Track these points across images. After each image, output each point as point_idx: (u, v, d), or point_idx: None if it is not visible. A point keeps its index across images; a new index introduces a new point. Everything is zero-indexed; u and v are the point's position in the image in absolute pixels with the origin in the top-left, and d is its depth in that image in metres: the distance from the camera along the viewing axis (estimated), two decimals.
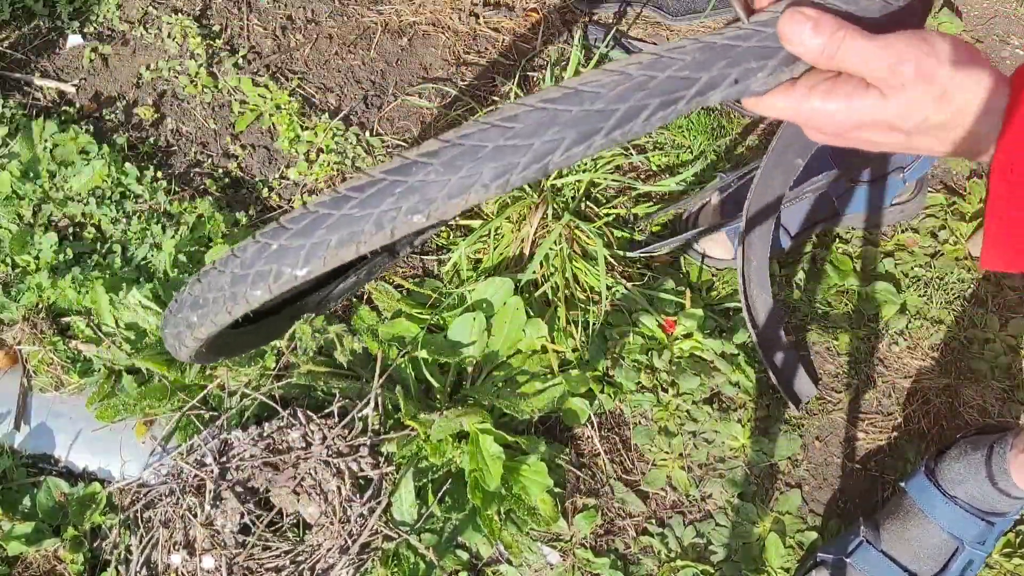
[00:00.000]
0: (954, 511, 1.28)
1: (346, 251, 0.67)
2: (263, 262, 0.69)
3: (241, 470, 1.30)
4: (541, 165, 0.64)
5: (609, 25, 1.84)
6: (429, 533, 1.33)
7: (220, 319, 0.74)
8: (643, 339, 1.50)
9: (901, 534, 1.31)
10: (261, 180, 1.66)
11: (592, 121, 0.64)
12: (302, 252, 0.67)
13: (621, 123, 0.64)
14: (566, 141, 0.64)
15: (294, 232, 0.68)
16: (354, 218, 0.66)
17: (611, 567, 1.35)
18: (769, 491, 1.44)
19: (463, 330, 1.43)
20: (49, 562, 1.32)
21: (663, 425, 1.46)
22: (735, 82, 0.64)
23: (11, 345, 1.44)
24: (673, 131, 1.72)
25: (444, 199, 0.64)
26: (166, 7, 1.83)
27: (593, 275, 1.49)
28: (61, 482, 1.34)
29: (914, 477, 1.33)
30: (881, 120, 0.63)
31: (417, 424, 1.33)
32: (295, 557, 1.27)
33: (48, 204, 1.57)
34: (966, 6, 1.91)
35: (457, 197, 0.64)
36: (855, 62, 0.62)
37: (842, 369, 1.54)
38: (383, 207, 0.65)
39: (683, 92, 0.64)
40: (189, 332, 0.78)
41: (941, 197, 1.68)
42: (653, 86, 0.64)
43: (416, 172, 0.65)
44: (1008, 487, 1.24)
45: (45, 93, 1.73)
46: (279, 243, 0.68)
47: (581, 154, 0.64)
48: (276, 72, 1.77)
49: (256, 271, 0.69)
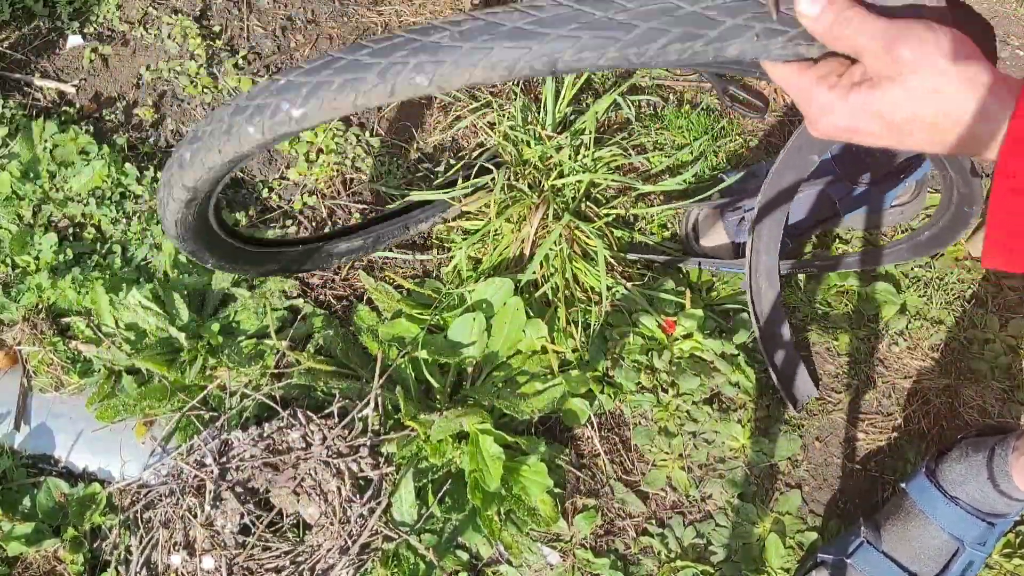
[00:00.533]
0: (955, 512, 1.28)
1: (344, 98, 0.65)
2: (266, 95, 0.67)
3: (241, 470, 1.30)
4: (550, 60, 0.62)
5: None
6: (429, 533, 1.33)
7: (211, 157, 0.72)
8: (643, 339, 1.50)
9: (902, 535, 1.31)
10: (261, 180, 1.66)
11: (612, 29, 0.62)
12: (304, 89, 0.66)
13: (638, 41, 0.62)
14: (581, 41, 0.62)
15: (304, 70, 0.67)
16: (362, 64, 0.64)
17: (611, 567, 1.35)
18: (769, 491, 1.44)
19: (463, 330, 1.43)
20: (49, 562, 1.32)
21: (663, 425, 1.46)
22: (756, 37, 0.63)
23: (11, 345, 1.44)
24: (673, 131, 1.72)
25: (451, 65, 0.63)
26: (166, 7, 1.83)
27: (593, 275, 1.49)
28: (61, 482, 1.34)
29: (915, 478, 1.33)
30: (874, 111, 0.62)
31: (417, 424, 1.33)
32: (295, 557, 1.27)
33: (48, 204, 1.57)
34: None
35: (464, 67, 0.63)
36: (858, 41, 0.61)
37: (842, 369, 1.54)
38: (392, 58, 0.64)
39: (706, 31, 0.63)
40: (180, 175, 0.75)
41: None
42: (679, 15, 0.63)
43: (433, 34, 0.64)
44: (1010, 489, 1.24)
45: (45, 93, 1.73)
46: (287, 79, 0.67)
47: (591, 62, 0.63)
48: (276, 72, 1.77)
49: (257, 104, 0.68)
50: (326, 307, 1.53)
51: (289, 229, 1.60)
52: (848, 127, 0.64)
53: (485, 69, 0.62)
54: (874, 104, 0.62)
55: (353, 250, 1.52)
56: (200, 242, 0.89)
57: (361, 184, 1.66)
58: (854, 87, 0.63)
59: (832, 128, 0.65)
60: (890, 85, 0.61)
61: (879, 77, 0.61)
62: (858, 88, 0.62)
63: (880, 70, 0.61)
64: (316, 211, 1.63)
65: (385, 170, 1.67)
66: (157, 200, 0.79)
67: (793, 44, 0.64)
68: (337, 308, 1.53)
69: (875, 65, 0.61)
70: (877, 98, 0.61)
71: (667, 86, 1.79)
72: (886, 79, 0.61)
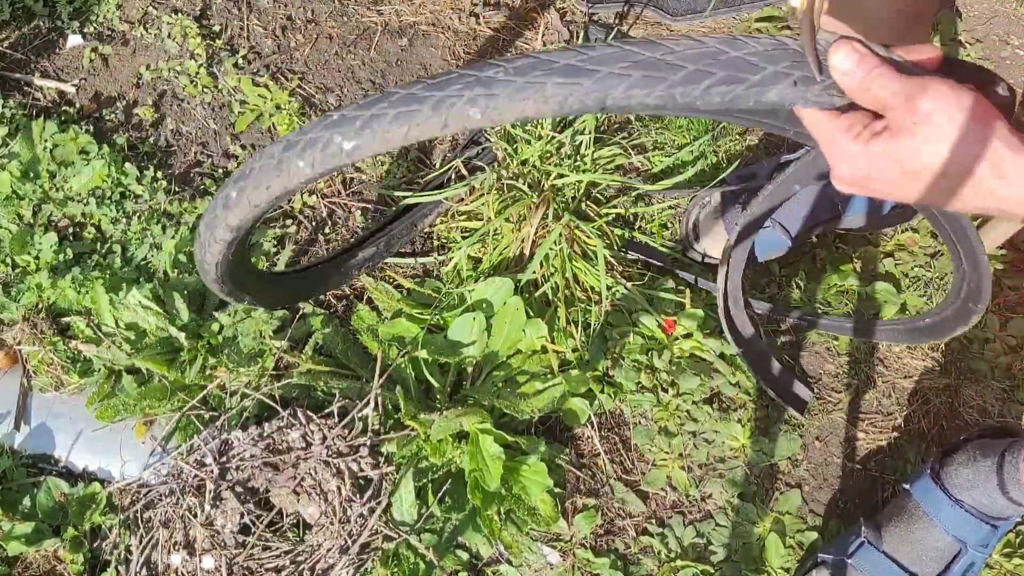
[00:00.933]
0: (960, 515, 1.27)
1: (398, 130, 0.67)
2: (319, 129, 0.69)
3: (241, 470, 1.30)
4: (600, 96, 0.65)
5: (609, 25, 1.84)
6: (429, 533, 1.33)
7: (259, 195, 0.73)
8: (643, 339, 1.50)
9: (904, 536, 1.31)
10: None
11: (661, 69, 0.65)
12: (358, 122, 0.67)
13: (685, 82, 0.65)
14: (631, 79, 0.65)
15: (359, 104, 0.68)
16: (417, 97, 0.66)
17: (611, 567, 1.35)
18: (769, 491, 1.44)
19: (463, 330, 1.43)
20: (49, 562, 1.32)
21: (663, 425, 1.46)
22: (794, 84, 0.66)
23: (11, 345, 1.44)
24: (673, 131, 1.72)
25: (505, 99, 0.65)
26: (166, 7, 1.83)
27: (593, 275, 1.49)
28: (61, 482, 1.34)
29: (919, 479, 1.33)
30: (892, 158, 0.65)
31: (417, 424, 1.33)
32: (295, 557, 1.27)
33: (48, 204, 1.57)
34: (966, 6, 1.91)
35: (517, 100, 0.65)
36: (884, 96, 0.65)
37: (842, 369, 1.54)
38: (447, 91, 0.66)
39: (748, 75, 0.66)
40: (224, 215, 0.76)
41: None
42: (724, 60, 0.66)
43: (487, 69, 0.66)
44: (1019, 496, 1.23)
45: (45, 93, 1.73)
46: (341, 114, 0.69)
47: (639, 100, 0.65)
48: (276, 72, 1.77)
49: (309, 138, 0.69)
50: (326, 307, 1.53)
51: (289, 229, 1.60)
52: (867, 175, 0.67)
53: (537, 103, 0.65)
54: (892, 152, 0.65)
55: (368, 258, 1.53)
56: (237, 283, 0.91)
57: (361, 184, 1.66)
58: (874, 136, 0.66)
59: (851, 175, 0.68)
60: (908, 135, 0.64)
61: (898, 128, 0.65)
62: (878, 137, 0.66)
63: (901, 122, 0.65)
64: (316, 211, 1.63)
65: (385, 170, 1.67)
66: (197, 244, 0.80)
67: (827, 93, 0.68)
68: (337, 308, 1.53)
69: (897, 117, 0.65)
70: (895, 146, 0.65)
71: None
72: (905, 130, 0.64)
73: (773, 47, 0.67)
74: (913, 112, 0.64)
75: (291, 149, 0.69)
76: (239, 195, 0.74)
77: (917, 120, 0.63)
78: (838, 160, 0.69)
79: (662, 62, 0.65)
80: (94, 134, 1.66)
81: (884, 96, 0.65)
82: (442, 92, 0.66)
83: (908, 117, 0.64)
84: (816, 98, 0.67)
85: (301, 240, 1.60)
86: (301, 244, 1.60)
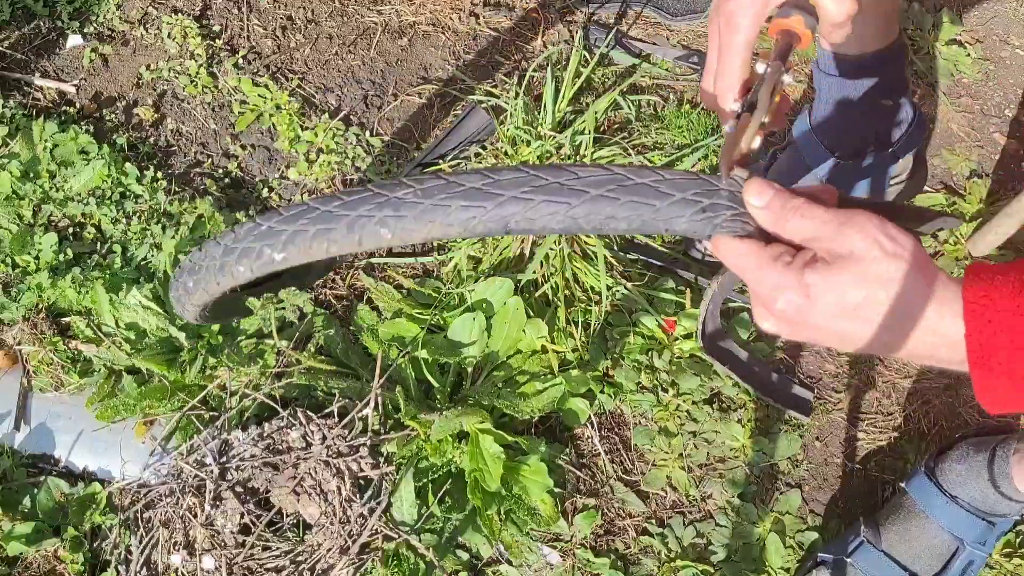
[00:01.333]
0: (955, 511, 1.28)
1: (318, 246, 0.70)
2: (251, 240, 0.73)
3: (241, 470, 1.30)
4: (502, 220, 0.66)
5: (609, 25, 1.85)
6: (429, 533, 1.33)
7: (211, 288, 0.78)
8: (643, 339, 1.50)
9: (902, 534, 1.31)
10: (261, 180, 1.66)
11: (562, 195, 0.66)
12: (283, 237, 0.71)
13: (588, 207, 0.66)
14: (532, 203, 0.66)
15: (283, 218, 0.72)
16: (333, 215, 0.69)
17: (611, 567, 1.35)
18: (769, 491, 1.44)
19: (463, 330, 1.43)
20: (49, 562, 1.32)
21: (663, 425, 1.46)
22: (703, 211, 0.66)
23: (11, 345, 1.44)
24: (673, 131, 1.72)
25: (412, 220, 0.67)
26: (166, 7, 1.83)
27: (593, 275, 1.49)
28: (61, 482, 1.34)
29: (914, 477, 1.33)
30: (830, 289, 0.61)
31: (417, 424, 1.33)
32: (295, 557, 1.27)
33: (48, 204, 1.57)
34: (966, 6, 1.92)
35: (423, 222, 0.67)
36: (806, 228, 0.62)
37: (842, 369, 1.54)
38: (359, 211, 0.68)
39: (653, 202, 0.66)
40: (187, 297, 0.83)
41: (941, 197, 1.67)
42: (629, 186, 0.66)
43: (399, 190, 0.69)
44: (1010, 491, 1.24)
45: (45, 93, 1.73)
46: (268, 225, 0.73)
47: (542, 224, 0.66)
48: (276, 72, 1.77)
49: (243, 247, 0.73)
50: (326, 307, 1.53)
51: None
52: (801, 308, 0.62)
53: (443, 226, 0.67)
54: (830, 283, 0.61)
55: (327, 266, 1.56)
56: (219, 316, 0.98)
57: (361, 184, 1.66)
58: (808, 266, 0.62)
59: (785, 309, 0.63)
60: (844, 264, 0.61)
61: (833, 257, 0.62)
62: (813, 266, 0.62)
63: (835, 252, 0.61)
64: None
65: (385, 170, 1.67)
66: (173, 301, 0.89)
67: (741, 220, 0.67)
68: (337, 308, 1.53)
69: (827, 248, 0.62)
70: (833, 277, 0.61)
71: (667, 86, 1.79)
72: (840, 259, 0.61)
73: (682, 176, 0.67)
74: (844, 243, 0.60)
75: (230, 255, 0.74)
76: (195, 286, 0.80)
77: (851, 251, 0.60)
78: (769, 293, 0.63)
79: (565, 187, 0.66)
80: (94, 134, 1.66)
81: (807, 229, 0.62)
82: (355, 212, 0.68)
83: (840, 248, 0.61)
84: (728, 224, 0.66)
85: None
86: None
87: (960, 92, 1.81)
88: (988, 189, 1.68)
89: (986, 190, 1.68)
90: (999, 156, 1.74)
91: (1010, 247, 1.60)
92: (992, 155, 1.74)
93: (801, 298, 0.62)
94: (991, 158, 1.74)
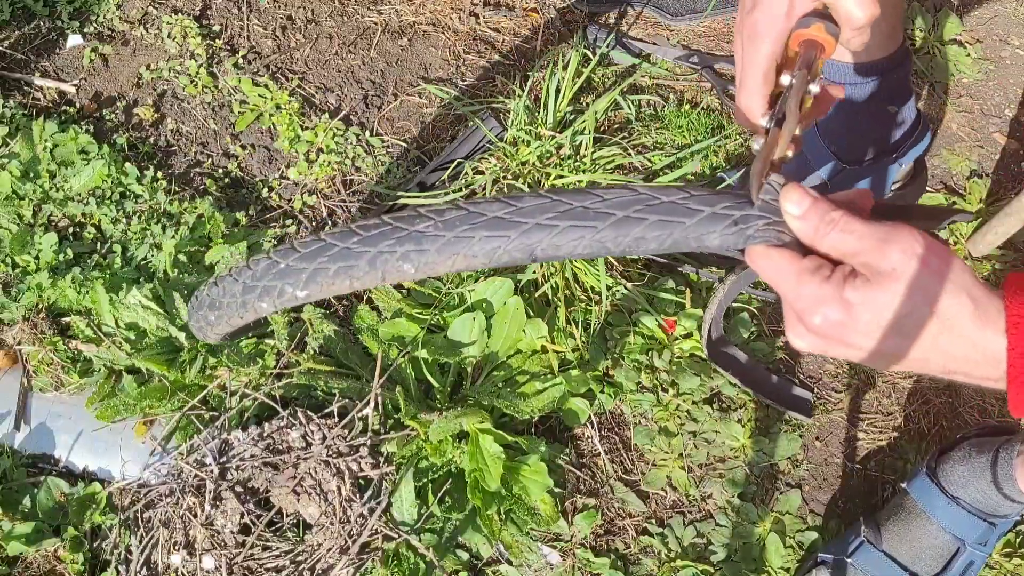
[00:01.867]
0: (957, 512, 1.27)
1: (340, 282, 0.69)
2: (271, 278, 0.72)
3: (241, 470, 1.30)
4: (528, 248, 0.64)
5: (610, 25, 1.84)
6: (429, 533, 1.33)
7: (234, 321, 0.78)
8: (643, 339, 1.50)
9: (903, 534, 1.31)
10: (261, 180, 1.66)
11: (588, 219, 0.64)
12: (303, 275, 0.70)
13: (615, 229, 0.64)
14: (557, 229, 0.64)
15: (301, 255, 0.71)
16: (353, 252, 0.68)
17: (611, 567, 1.35)
18: (769, 491, 1.44)
19: (463, 330, 1.43)
20: (49, 562, 1.32)
21: (663, 425, 1.46)
22: (734, 224, 0.64)
23: (11, 345, 1.44)
24: (673, 131, 1.72)
25: (435, 254, 0.66)
26: (166, 7, 1.83)
27: (593, 275, 1.49)
28: (61, 482, 1.34)
29: (916, 478, 1.33)
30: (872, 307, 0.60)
31: (417, 424, 1.33)
32: (295, 557, 1.27)
33: (48, 204, 1.57)
34: (966, 6, 1.92)
35: (447, 255, 0.66)
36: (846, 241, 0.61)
37: (842, 369, 1.54)
38: (380, 247, 0.67)
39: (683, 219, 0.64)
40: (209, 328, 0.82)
41: (941, 197, 1.68)
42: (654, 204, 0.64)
43: (418, 223, 0.67)
44: (1013, 493, 1.23)
45: (45, 93, 1.73)
46: (286, 263, 0.71)
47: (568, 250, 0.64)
48: (276, 72, 1.77)
49: (264, 286, 0.73)
50: (326, 307, 1.53)
51: (289, 229, 1.60)
52: (839, 324, 0.61)
53: (467, 257, 0.65)
54: (871, 300, 0.59)
55: None
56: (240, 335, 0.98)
57: (361, 184, 1.66)
58: (847, 281, 0.60)
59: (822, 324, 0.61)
60: (886, 281, 0.59)
61: (873, 274, 0.60)
62: (852, 282, 0.60)
63: (875, 267, 0.60)
64: (316, 211, 1.63)
65: (385, 170, 1.67)
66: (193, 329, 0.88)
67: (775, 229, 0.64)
68: (337, 308, 1.53)
69: (868, 263, 0.60)
70: (874, 294, 0.59)
71: (667, 86, 1.79)
72: (881, 275, 0.59)
73: (709, 192, 0.65)
74: (885, 258, 0.59)
75: (250, 293, 0.73)
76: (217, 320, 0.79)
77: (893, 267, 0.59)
78: (808, 306, 0.61)
79: (590, 211, 0.64)
80: (94, 134, 1.66)
81: (846, 242, 0.60)
82: (375, 248, 0.67)
83: (881, 262, 0.59)
84: (762, 234, 0.64)
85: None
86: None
87: (960, 92, 1.81)
88: (988, 189, 1.68)
89: (986, 190, 1.68)
90: (999, 156, 1.74)
91: (1010, 247, 1.60)
92: (992, 155, 1.74)
93: (841, 314, 0.60)
94: (991, 158, 1.74)
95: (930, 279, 0.59)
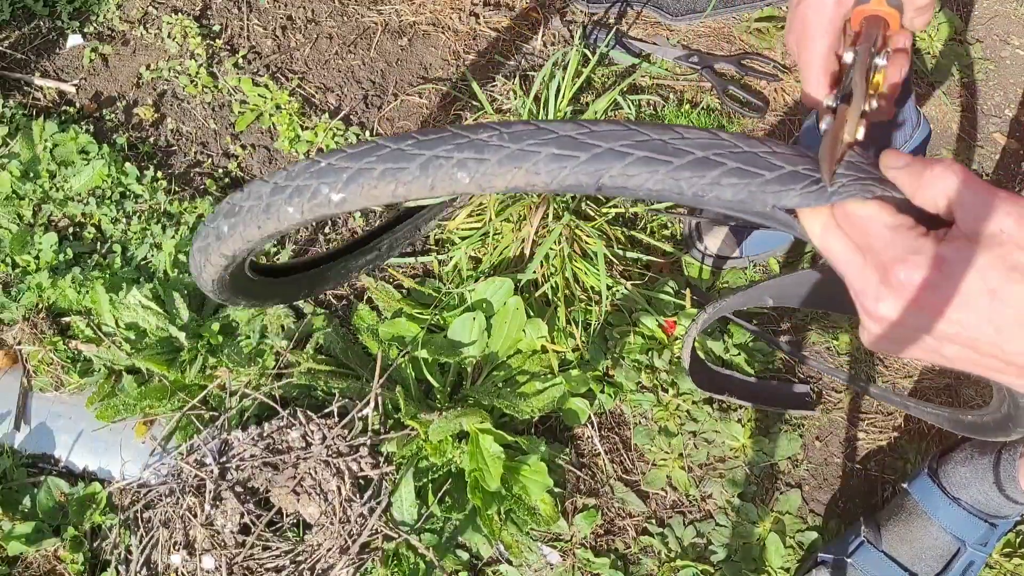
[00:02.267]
0: (958, 513, 1.27)
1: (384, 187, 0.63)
2: (306, 177, 0.66)
3: (241, 470, 1.30)
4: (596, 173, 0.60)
5: (609, 25, 1.85)
6: (429, 533, 1.33)
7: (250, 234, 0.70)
8: (643, 339, 1.50)
9: (903, 535, 1.31)
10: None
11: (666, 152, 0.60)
12: (345, 175, 0.64)
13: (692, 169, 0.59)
14: (633, 158, 0.60)
15: (347, 155, 0.65)
16: (405, 154, 0.62)
17: (611, 567, 1.35)
18: (769, 491, 1.44)
19: (463, 330, 1.43)
20: (49, 562, 1.32)
21: (663, 425, 1.46)
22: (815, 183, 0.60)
23: (11, 345, 1.44)
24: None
25: (495, 165, 0.61)
26: (166, 7, 1.83)
27: (593, 275, 1.49)
28: (61, 482, 1.34)
29: (917, 478, 1.33)
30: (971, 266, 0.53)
31: (417, 424, 1.33)
32: (295, 557, 1.27)
33: (48, 204, 1.57)
34: (966, 6, 1.92)
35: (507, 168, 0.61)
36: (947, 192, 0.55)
37: (842, 368, 1.54)
38: (436, 151, 0.62)
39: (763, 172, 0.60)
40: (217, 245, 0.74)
41: None
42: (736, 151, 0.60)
43: (481, 132, 0.62)
44: (1015, 494, 1.23)
45: (45, 93, 1.73)
46: (328, 161, 0.65)
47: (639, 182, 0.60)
48: (276, 72, 1.77)
49: (296, 185, 0.66)
50: (326, 307, 1.53)
51: None
52: (925, 282, 0.54)
53: (529, 173, 0.60)
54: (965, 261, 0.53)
55: (370, 260, 1.53)
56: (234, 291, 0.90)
57: None
58: (949, 237, 0.55)
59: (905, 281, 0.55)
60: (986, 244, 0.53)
61: (973, 235, 0.54)
62: (954, 239, 0.54)
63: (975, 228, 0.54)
64: None
65: None
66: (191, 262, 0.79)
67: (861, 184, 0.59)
68: (337, 308, 1.53)
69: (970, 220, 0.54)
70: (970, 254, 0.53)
71: (667, 86, 1.79)
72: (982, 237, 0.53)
73: (792, 151, 0.61)
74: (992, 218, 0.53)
75: (279, 193, 0.67)
76: (231, 230, 0.71)
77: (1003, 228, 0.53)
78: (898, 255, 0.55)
79: (669, 145, 0.60)
80: (94, 134, 1.66)
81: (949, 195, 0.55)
82: (431, 151, 0.62)
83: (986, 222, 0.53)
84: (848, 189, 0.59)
85: (301, 240, 1.60)
86: (301, 244, 1.60)
87: (960, 92, 1.81)
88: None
89: None
90: (999, 156, 1.74)
91: None
92: (992, 155, 1.74)
93: (930, 270, 0.54)
94: (991, 158, 1.74)
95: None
